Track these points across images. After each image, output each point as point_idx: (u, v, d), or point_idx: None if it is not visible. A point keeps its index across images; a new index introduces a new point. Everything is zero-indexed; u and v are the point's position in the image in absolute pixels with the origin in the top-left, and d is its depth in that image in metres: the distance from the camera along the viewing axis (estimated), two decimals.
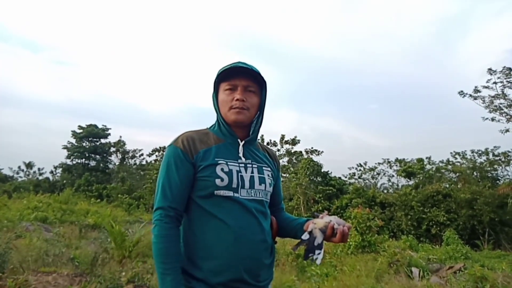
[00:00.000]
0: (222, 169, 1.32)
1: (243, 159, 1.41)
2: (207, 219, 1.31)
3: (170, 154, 1.36)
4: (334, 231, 1.29)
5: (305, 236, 1.30)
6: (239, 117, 1.39)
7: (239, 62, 1.40)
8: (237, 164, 1.37)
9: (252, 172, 1.39)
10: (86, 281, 4.11)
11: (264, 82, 1.45)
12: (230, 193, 1.31)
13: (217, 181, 1.30)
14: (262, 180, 1.41)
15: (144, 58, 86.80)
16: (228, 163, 1.35)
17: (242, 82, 1.39)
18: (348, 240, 1.47)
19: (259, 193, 1.39)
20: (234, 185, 1.32)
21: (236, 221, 1.29)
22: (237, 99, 1.38)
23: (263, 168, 1.45)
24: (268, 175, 1.45)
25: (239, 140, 1.44)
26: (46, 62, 78.60)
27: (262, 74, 1.42)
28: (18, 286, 3.73)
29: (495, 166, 26.94)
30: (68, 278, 4.25)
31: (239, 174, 1.35)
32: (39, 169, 44.13)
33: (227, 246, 1.27)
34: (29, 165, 44.04)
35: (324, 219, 1.32)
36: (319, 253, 1.26)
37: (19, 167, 44.08)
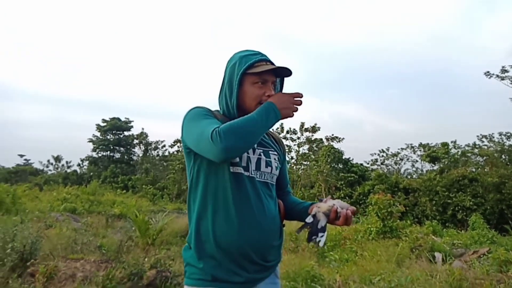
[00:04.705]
0: None
1: None
2: (217, 197, 1.32)
3: (197, 110, 1.37)
4: (338, 214, 1.31)
5: (309, 219, 1.32)
6: None
7: (279, 66, 1.39)
8: None
9: (259, 155, 1.41)
10: (112, 267, 4.30)
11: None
12: (241, 170, 1.34)
13: None
14: (268, 163, 1.43)
15: (164, 50, 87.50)
16: None
17: (271, 78, 1.41)
18: (351, 223, 1.50)
19: (265, 175, 1.42)
20: (244, 164, 1.35)
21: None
22: (268, 95, 1.37)
23: (270, 152, 1.47)
24: (275, 159, 1.47)
25: None
26: (66, 58, 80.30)
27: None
28: (49, 271, 3.97)
29: None
30: (95, 264, 4.46)
31: (247, 155, 1.37)
32: (67, 162, 45.59)
33: (235, 228, 1.29)
34: (58, 159, 45.56)
35: (327, 203, 1.35)
36: (322, 236, 1.28)
37: (48, 160, 45.71)
